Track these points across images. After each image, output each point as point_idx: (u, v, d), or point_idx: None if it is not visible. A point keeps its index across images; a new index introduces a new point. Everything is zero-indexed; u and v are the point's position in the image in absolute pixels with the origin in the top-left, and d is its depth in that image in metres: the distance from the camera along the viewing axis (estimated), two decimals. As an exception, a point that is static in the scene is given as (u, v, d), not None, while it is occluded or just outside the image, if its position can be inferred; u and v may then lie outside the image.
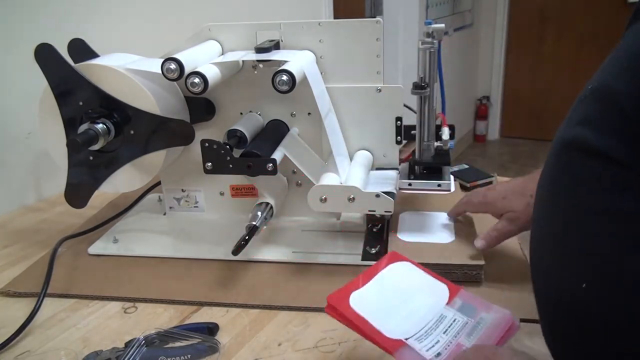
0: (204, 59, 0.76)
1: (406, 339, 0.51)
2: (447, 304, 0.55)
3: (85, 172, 0.81)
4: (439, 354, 0.49)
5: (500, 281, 0.72)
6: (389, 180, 0.81)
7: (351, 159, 0.82)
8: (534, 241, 0.51)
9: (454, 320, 0.53)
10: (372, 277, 0.58)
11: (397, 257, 0.61)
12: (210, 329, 0.65)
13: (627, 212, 0.39)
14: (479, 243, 0.73)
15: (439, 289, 0.57)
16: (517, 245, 0.80)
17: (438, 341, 0.51)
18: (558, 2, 3.78)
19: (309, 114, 0.83)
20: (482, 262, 0.71)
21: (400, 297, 0.56)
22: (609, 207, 0.40)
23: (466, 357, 0.48)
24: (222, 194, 0.91)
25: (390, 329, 0.52)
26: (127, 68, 0.77)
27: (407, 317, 0.54)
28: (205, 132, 0.85)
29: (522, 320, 0.68)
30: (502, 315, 0.55)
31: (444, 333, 0.52)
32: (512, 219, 0.72)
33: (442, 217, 0.84)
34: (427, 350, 0.49)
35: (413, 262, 0.61)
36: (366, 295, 0.55)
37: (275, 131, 0.83)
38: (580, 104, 0.46)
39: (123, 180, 0.82)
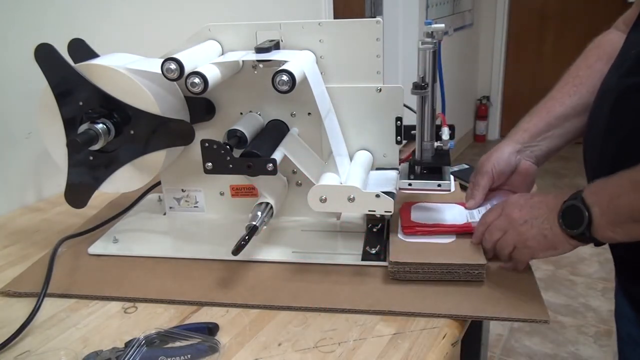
0: (204, 59, 0.76)
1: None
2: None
3: (85, 172, 0.81)
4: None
5: (502, 281, 0.72)
6: (389, 180, 0.81)
7: (351, 159, 0.82)
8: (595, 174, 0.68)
9: (479, 211, 0.81)
10: (411, 206, 0.86)
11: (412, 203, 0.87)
12: (210, 329, 0.65)
13: None
14: (471, 205, 0.83)
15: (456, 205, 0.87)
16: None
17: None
18: (558, 2, 3.78)
19: (309, 114, 0.83)
20: (483, 262, 0.71)
21: (439, 211, 0.85)
22: None
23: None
24: (222, 194, 0.91)
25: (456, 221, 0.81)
26: (127, 68, 0.76)
27: (454, 217, 0.82)
28: (205, 132, 0.85)
29: (523, 321, 0.68)
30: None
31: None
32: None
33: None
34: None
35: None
36: (417, 215, 0.83)
37: (275, 131, 0.83)
38: (623, 65, 0.67)
39: (123, 180, 0.82)
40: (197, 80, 0.70)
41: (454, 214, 0.83)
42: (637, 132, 0.64)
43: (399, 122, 0.82)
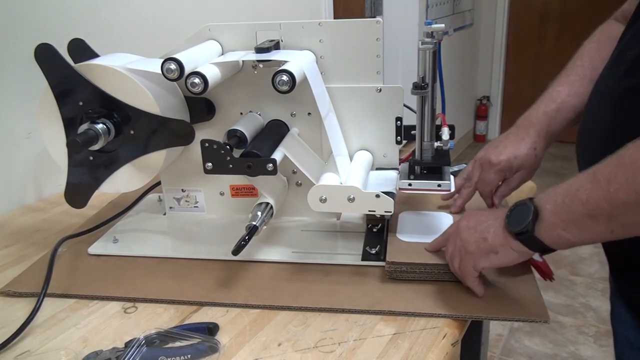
0: (204, 59, 0.76)
1: None
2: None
3: (85, 172, 0.81)
4: None
5: (501, 281, 0.72)
6: (389, 180, 0.81)
7: (351, 159, 0.82)
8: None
9: None
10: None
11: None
12: (210, 329, 0.65)
13: None
14: (497, 201, 0.83)
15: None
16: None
17: None
18: (558, 2, 3.78)
19: (309, 114, 0.83)
20: (481, 262, 0.71)
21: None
22: None
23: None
24: (222, 194, 0.91)
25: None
26: (127, 68, 0.77)
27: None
28: (205, 132, 0.85)
29: (523, 321, 0.68)
30: None
31: None
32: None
33: (442, 217, 0.84)
34: None
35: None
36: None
37: (275, 131, 0.83)
38: (619, 66, 0.65)
39: (123, 180, 0.82)
40: (197, 80, 0.70)
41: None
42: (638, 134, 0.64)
43: (399, 122, 0.82)
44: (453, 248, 0.69)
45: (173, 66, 0.71)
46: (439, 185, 0.78)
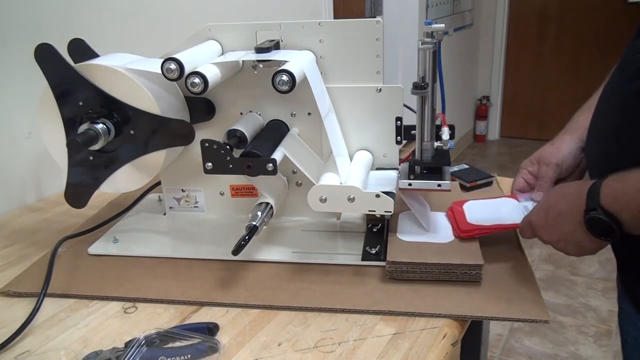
0: (204, 59, 0.76)
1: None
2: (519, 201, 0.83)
3: (85, 172, 0.81)
4: None
5: (501, 281, 0.72)
6: (389, 180, 0.81)
7: (351, 159, 0.82)
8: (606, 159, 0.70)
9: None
10: (462, 205, 0.83)
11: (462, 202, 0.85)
12: (210, 329, 0.65)
13: None
14: (538, 197, 0.83)
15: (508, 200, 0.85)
16: (517, 245, 0.81)
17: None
18: (558, 2, 3.78)
19: (309, 114, 0.83)
20: (481, 262, 0.71)
21: (494, 209, 0.83)
22: None
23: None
24: (222, 194, 0.91)
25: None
26: (127, 68, 0.77)
27: (511, 213, 0.80)
28: (205, 132, 0.85)
29: (523, 321, 0.68)
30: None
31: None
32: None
33: (441, 217, 0.84)
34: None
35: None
36: (473, 215, 0.80)
37: (275, 131, 0.83)
38: (628, 68, 0.67)
39: (123, 180, 0.82)
40: (197, 80, 0.70)
41: (509, 209, 0.82)
42: None
43: (399, 122, 0.82)
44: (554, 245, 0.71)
45: (173, 66, 0.71)
46: (439, 185, 0.78)
